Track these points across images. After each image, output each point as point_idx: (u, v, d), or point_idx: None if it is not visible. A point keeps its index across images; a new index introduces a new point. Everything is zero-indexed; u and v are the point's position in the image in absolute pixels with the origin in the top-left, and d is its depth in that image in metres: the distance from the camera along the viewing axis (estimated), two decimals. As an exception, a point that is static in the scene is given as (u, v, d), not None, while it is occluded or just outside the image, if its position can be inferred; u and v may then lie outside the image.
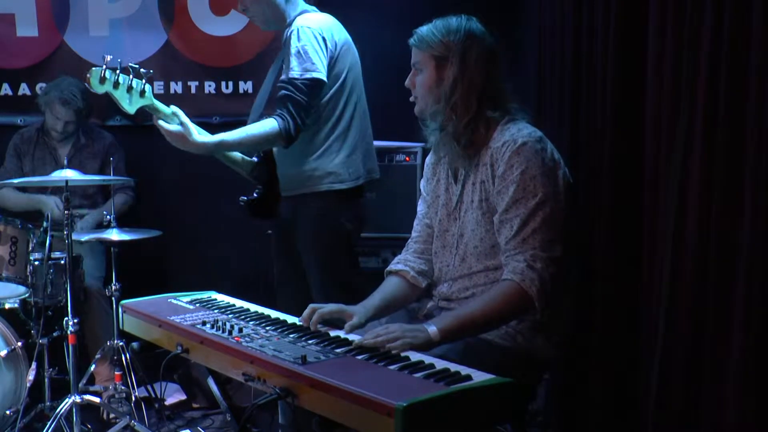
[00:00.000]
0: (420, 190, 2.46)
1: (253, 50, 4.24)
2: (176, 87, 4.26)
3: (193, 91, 4.28)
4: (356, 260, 3.02)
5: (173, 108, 2.61)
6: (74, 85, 3.83)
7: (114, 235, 3.36)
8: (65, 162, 3.39)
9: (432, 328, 1.94)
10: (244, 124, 2.89)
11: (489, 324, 2.06)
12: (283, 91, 2.70)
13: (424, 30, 2.24)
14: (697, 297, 1.80)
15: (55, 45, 4.22)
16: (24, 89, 4.21)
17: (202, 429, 3.44)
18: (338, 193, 2.83)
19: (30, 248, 3.22)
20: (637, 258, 2.13)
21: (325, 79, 2.74)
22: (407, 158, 3.57)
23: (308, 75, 2.70)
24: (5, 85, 4.24)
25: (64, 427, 3.00)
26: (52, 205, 3.67)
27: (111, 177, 3.50)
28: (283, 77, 2.74)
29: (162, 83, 4.25)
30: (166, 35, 4.25)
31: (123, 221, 3.51)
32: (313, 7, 2.97)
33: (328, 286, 2.81)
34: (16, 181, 3.44)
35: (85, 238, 3.43)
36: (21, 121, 4.20)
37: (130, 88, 2.56)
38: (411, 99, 2.29)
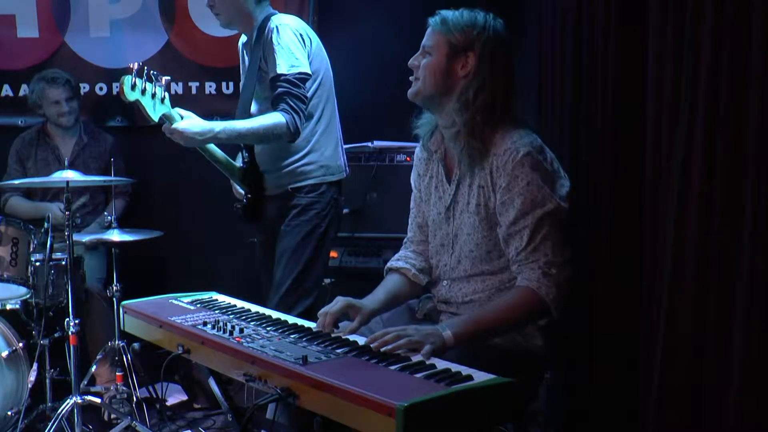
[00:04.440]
0: (412, 184, 2.44)
1: (254, 51, 4.24)
2: (177, 87, 4.26)
3: (193, 91, 4.29)
4: (326, 248, 3.05)
5: (178, 110, 2.69)
6: (52, 69, 3.96)
7: (115, 236, 3.36)
8: (66, 163, 3.40)
9: (447, 333, 1.93)
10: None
11: (503, 330, 2.06)
12: (279, 89, 2.76)
13: (448, 13, 2.16)
14: (697, 297, 1.80)
15: (56, 46, 4.23)
16: (25, 90, 4.21)
17: (204, 429, 3.44)
18: (329, 185, 2.94)
19: (31, 249, 3.23)
20: (637, 258, 2.14)
21: (310, 72, 2.82)
22: (407, 158, 3.57)
23: (295, 69, 2.77)
24: (6, 86, 4.25)
25: (66, 428, 3.00)
26: (55, 209, 3.67)
27: (113, 177, 3.51)
28: (272, 75, 2.79)
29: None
30: (166, 36, 4.25)
31: (122, 224, 3.51)
32: (277, 11, 3.02)
33: (291, 266, 2.88)
34: (17, 182, 3.45)
35: (86, 238, 3.43)
36: (22, 122, 4.20)
37: (154, 95, 2.63)
38: (411, 78, 2.23)
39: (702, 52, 1.76)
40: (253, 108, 2.95)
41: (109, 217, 3.48)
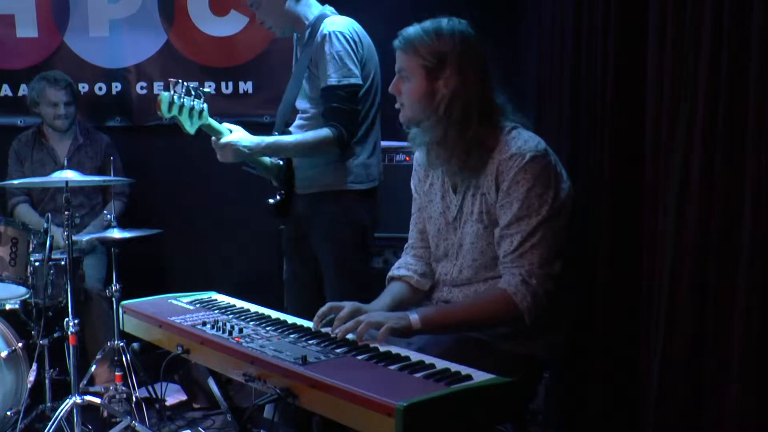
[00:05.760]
0: (413, 189, 2.43)
1: (253, 50, 4.25)
2: (176, 87, 4.25)
3: (193, 91, 4.28)
4: (370, 258, 3.04)
5: (226, 125, 2.71)
6: (56, 70, 3.97)
7: (115, 233, 3.36)
8: (65, 162, 3.40)
9: (413, 316, 1.98)
10: (244, 124, 2.90)
11: (470, 323, 2.07)
12: (331, 103, 2.75)
13: (411, 33, 2.10)
14: (697, 297, 1.80)
15: (55, 46, 4.23)
16: (24, 90, 4.20)
17: (203, 429, 3.44)
18: (357, 192, 2.87)
19: (30, 249, 3.23)
20: (637, 258, 2.13)
21: (361, 82, 2.79)
22: (407, 158, 3.57)
23: (346, 81, 2.75)
24: (5, 86, 4.25)
25: (65, 428, 3.00)
26: (58, 236, 3.50)
27: (112, 177, 3.50)
28: (323, 86, 2.77)
29: (162, 84, 4.25)
30: (166, 36, 4.25)
31: (121, 224, 3.51)
32: (331, 8, 2.98)
33: (342, 284, 2.84)
34: (16, 182, 3.44)
35: (86, 237, 3.43)
36: (21, 122, 4.20)
37: (192, 110, 2.63)
38: (396, 106, 2.20)
39: (702, 52, 1.76)
40: (303, 105, 2.92)
41: (108, 216, 3.48)
